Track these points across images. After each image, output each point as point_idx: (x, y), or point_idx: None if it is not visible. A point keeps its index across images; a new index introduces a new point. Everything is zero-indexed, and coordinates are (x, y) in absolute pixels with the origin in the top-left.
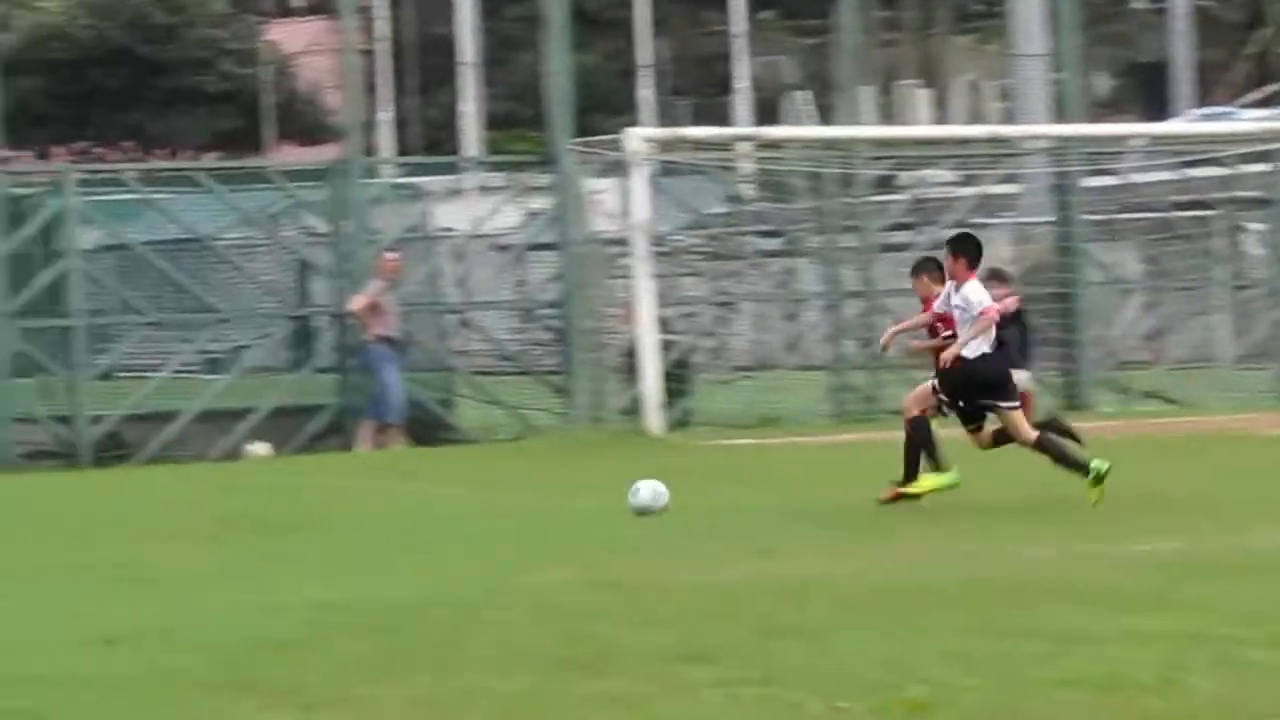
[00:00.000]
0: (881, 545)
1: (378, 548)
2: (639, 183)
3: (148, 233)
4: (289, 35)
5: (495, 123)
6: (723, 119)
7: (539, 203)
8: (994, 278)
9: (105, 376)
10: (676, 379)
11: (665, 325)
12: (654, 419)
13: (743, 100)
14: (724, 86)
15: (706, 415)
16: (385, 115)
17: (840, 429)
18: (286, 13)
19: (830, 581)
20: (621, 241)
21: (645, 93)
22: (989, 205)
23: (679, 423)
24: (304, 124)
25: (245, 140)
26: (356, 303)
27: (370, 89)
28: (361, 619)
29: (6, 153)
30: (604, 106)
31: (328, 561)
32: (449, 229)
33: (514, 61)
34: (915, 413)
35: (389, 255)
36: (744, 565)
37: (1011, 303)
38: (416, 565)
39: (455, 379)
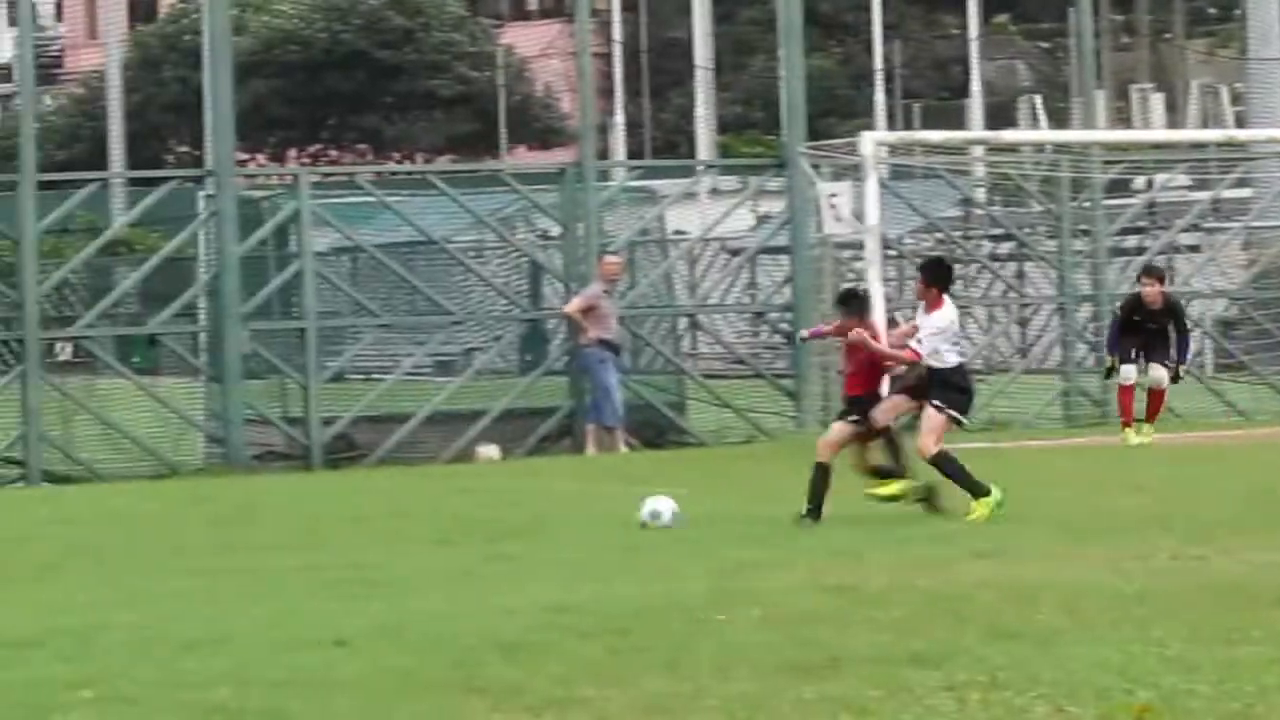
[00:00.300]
0: (1108, 550)
1: (605, 551)
2: (871, 186)
3: (381, 235)
4: (524, 38)
5: (727, 126)
6: (955, 123)
7: (771, 206)
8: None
9: (337, 379)
10: None
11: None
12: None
13: (976, 104)
14: (957, 90)
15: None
16: (619, 118)
17: (1070, 433)
18: (522, 16)
19: (1057, 585)
20: (853, 245)
21: (878, 96)
22: (1222, 209)
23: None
24: (538, 127)
25: (479, 143)
26: (572, 306)
27: (604, 92)
28: (588, 622)
29: (241, 155)
30: (837, 110)
31: (555, 564)
32: (681, 232)
33: (747, 65)
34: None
35: (609, 258)
36: (971, 568)
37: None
38: (644, 569)
39: (686, 382)
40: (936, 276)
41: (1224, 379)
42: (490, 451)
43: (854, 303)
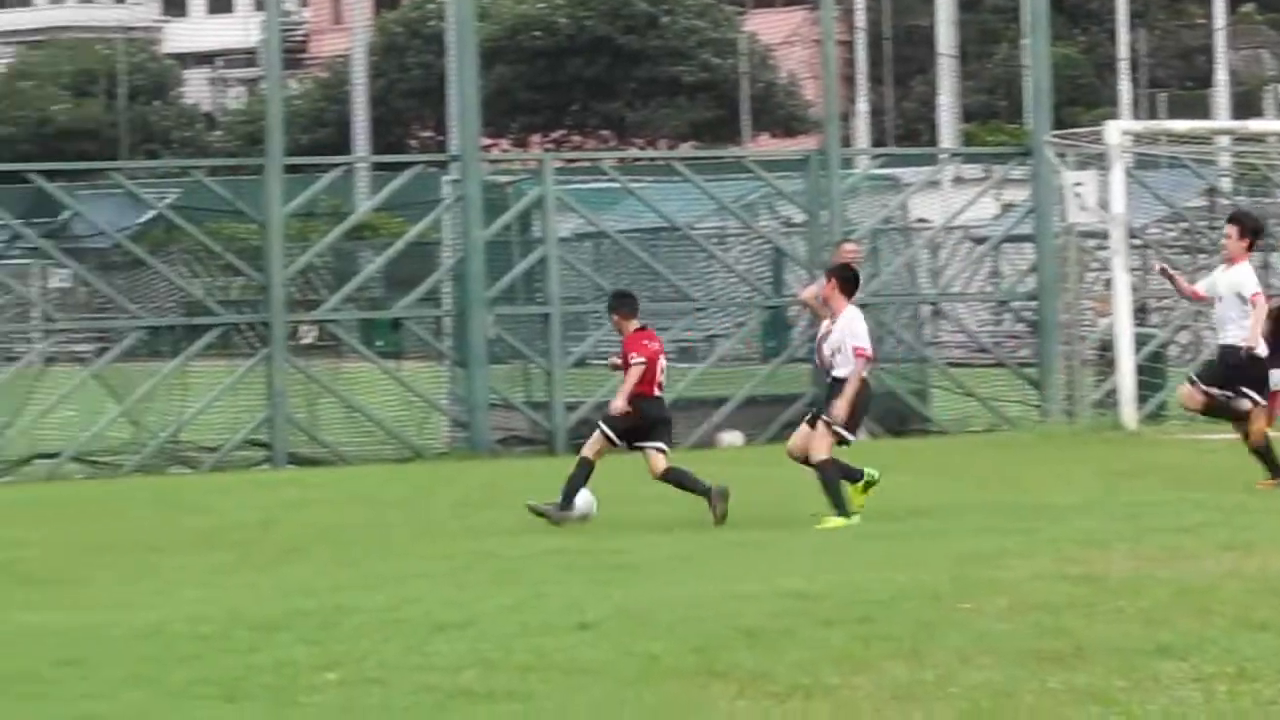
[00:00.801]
0: None
1: (847, 538)
2: (1117, 176)
3: (624, 221)
4: (767, 26)
5: (971, 114)
6: (1200, 112)
7: (1015, 195)
8: None
9: (580, 364)
10: (1150, 373)
11: (1140, 319)
12: (1128, 413)
13: (1221, 93)
14: (1202, 80)
15: (1179, 410)
16: (862, 106)
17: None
18: (765, 3)
19: None
20: (1098, 234)
21: (1123, 85)
22: None
23: (1152, 417)
24: (780, 114)
25: (721, 130)
26: (807, 291)
27: (847, 80)
28: (831, 609)
29: (485, 140)
30: (1081, 99)
31: (798, 551)
32: (924, 220)
33: (991, 53)
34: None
35: (847, 245)
36: (1218, 559)
37: None
38: (887, 556)
39: (929, 370)
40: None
41: None
42: (733, 438)
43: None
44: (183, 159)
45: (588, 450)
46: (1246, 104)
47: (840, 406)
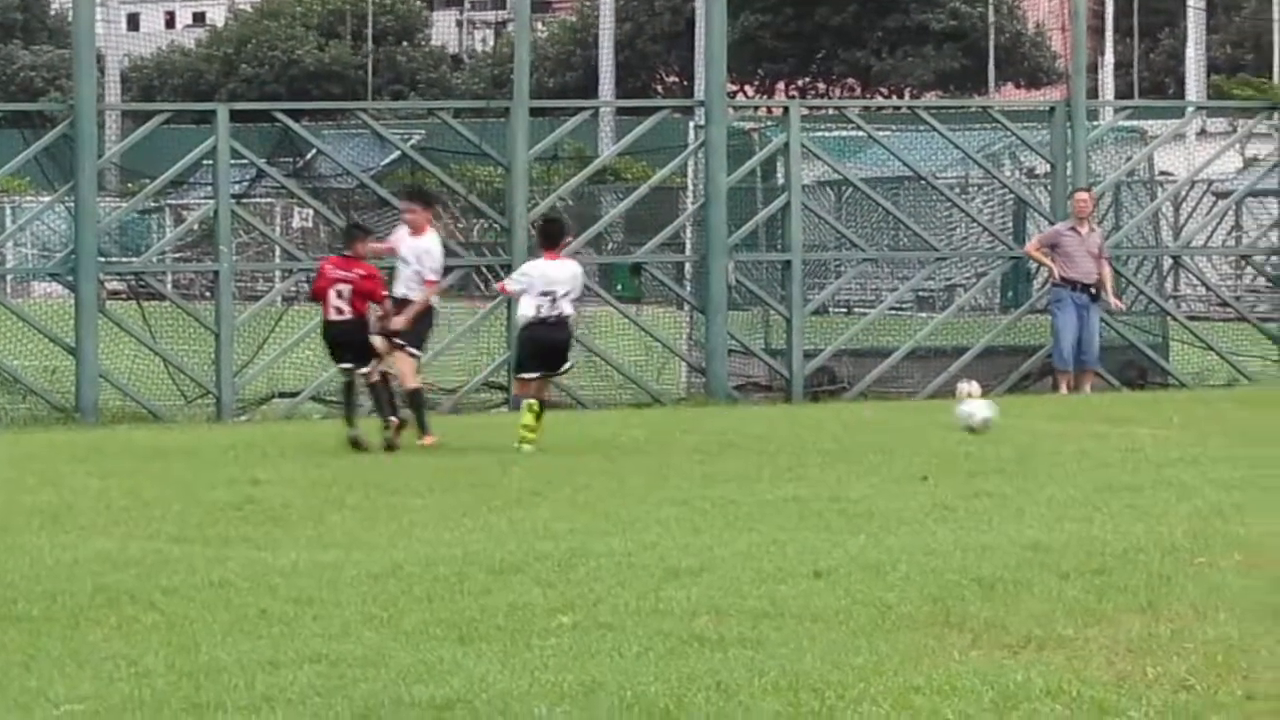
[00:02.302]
0: None
1: (1084, 490)
2: None
3: (866, 170)
4: None
5: (1218, 67)
6: None
7: (1260, 149)
8: None
9: (819, 312)
10: None
11: None
12: None
13: None
14: None
15: None
16: (1108, 58)
17: None
18: None
19: None
20: None
21: None
22: None
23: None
24: (1026, 65)
25: (966, 80)
26: (1030, 245)
27: (1095, 31)
28: (1067, 561)
29: (731, 87)
30: None
31: (1034, 502)
32: (1168, 173)
33: (1240, 6)
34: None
35: (1079, 194)
36: None
37: None
38: (1123, 509)
39: (1169, 323)
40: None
41: None
42: (971, 388)
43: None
44: (428, 101)
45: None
46: None
47: (400, 322)
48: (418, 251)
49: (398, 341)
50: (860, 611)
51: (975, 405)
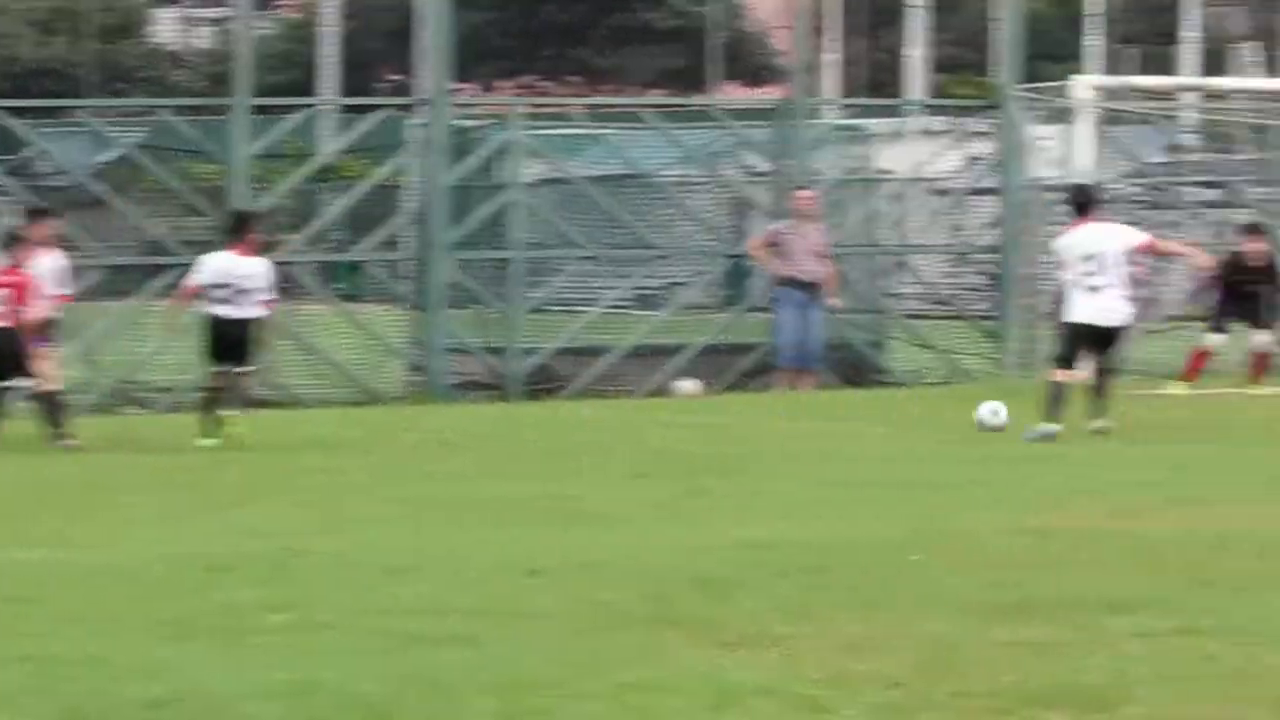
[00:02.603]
0: None
1: (802, 488)
2: (1083, 130)
3: (589, 168)
4: None
5: (940, 67)
6: (1168, 68)
7: (980, 147)
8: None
9: (539, 310)
10: None
11: None
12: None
13: (1190, 50)
14: (1171, 36)
15: (1137, 364)
16: (831, 56)
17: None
18: None
19: (1257, 534)
20: (1062, 189)
21: (1092, 40)
22: None
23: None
24: (750, 64)
25: (690, 78)
26: (753, 242)
27: (817, 30)
28: (785, 559)
29: (454, 85)
30: (1050, 53)
31: (752, 500)
32: (889, 171)
33: (962, 5)
34: None
35: (800, 193)
36: (1170, 514)
37: None
38: (841, 507)
39: (887, 321)
40: None
41: None
42: (690, 386)
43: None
44: (149, 98)
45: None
46: (1215, 61)
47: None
48: (44, 268)
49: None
50: (577, 610)
51: (991, 406)
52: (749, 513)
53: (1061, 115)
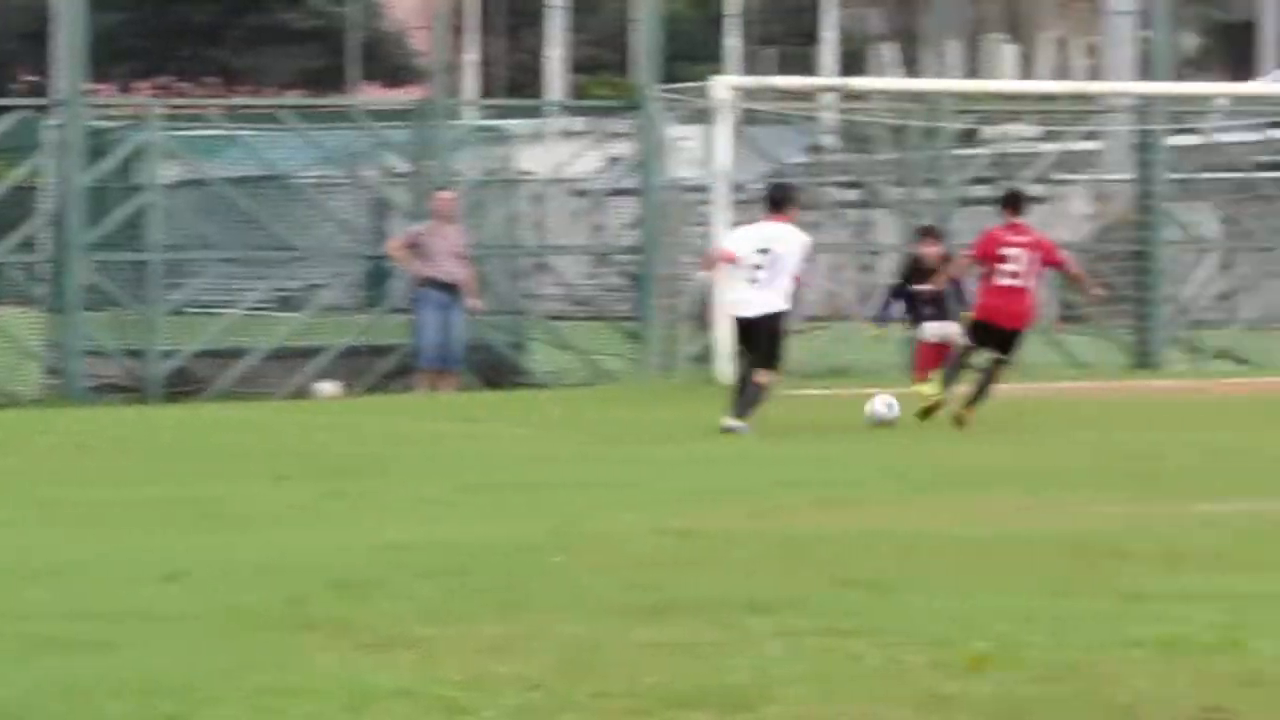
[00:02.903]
0: (948, 499)
1: (444, 489)
2: (722, 130)
3: (228, 169)
4: None
5: (580, 67)
6: (808, 69)
7: (621, 148)
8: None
9: (178, 312)
10: None
11: None
12: (725, 367)
13: (828, 50)
14: (810, 36)
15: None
16: (471, 57)
17: (911, 381)
18: None
19: (897, 534)
20: (702, 189)
21: (731, 41)
22: (1070, 162)
23: None
24: (390, 64)
25: (330, 79)
26: (393, 244)
27: (457, 30)
28: (425, 560)
29: (90, 86)
30: (690, 54)
31: (393, 502)
32: (529, 172)
33: (601, 6)
34: None
35: (440, 194)
36: (812, 515)
37: None
38: (483, 508)
39: (528, 323)
40: None
41: (1067, 331)
42: (330, 388)
43: None
44: None
45: None
46: (854, 61)
47: None
48: None
49: None
50: (216, 613)
51: (885, 399)
52: (389, 515)
53: (701, 116)
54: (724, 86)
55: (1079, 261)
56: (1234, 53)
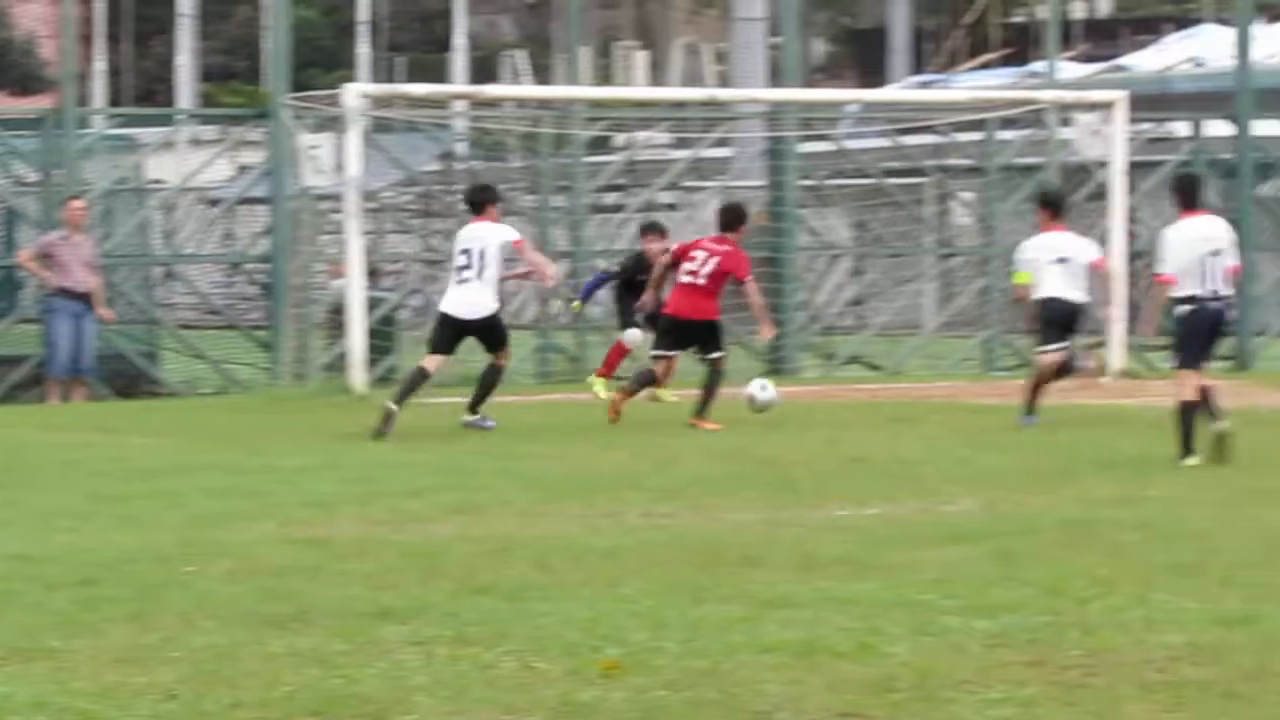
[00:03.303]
0: (580, 506)
1: (75, 500)
2: (354, 139)
3: None
4: None
5: (210, 75)
6: (440, 76)
7: (251, 157)
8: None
9: None
10: (381, 336)
11: (373, 282)
12: (358, 376)
13: (460, 58)
14: (442, 44)
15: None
16: (100, 65)
17: (545, 389)
18: None
19: (529, 541)
20: (334, 197)
21: (362, 48)
22: (702, 168)
23: (383, 380)
24: (17, 73)
25: None
26: (23, 253)
27: (85, 38)
28: (56, 571)
29: None
30: (321, 62)
31: (23, 513)
32: (160, 181)
33: (231, 14)
34: None
35: (71, 203)
36: (444, 523)
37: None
38: (114, 519)
39: (160, 332)
40: None
41: None
42: None
43: None
44: None
45: None
46: (485, 69)
47: None
48: None
49: None
50: None
51: (759, 381)
52: (19, 526)
53: (332, 124)
54: (355, 94)
55: None
56: (864, 59)
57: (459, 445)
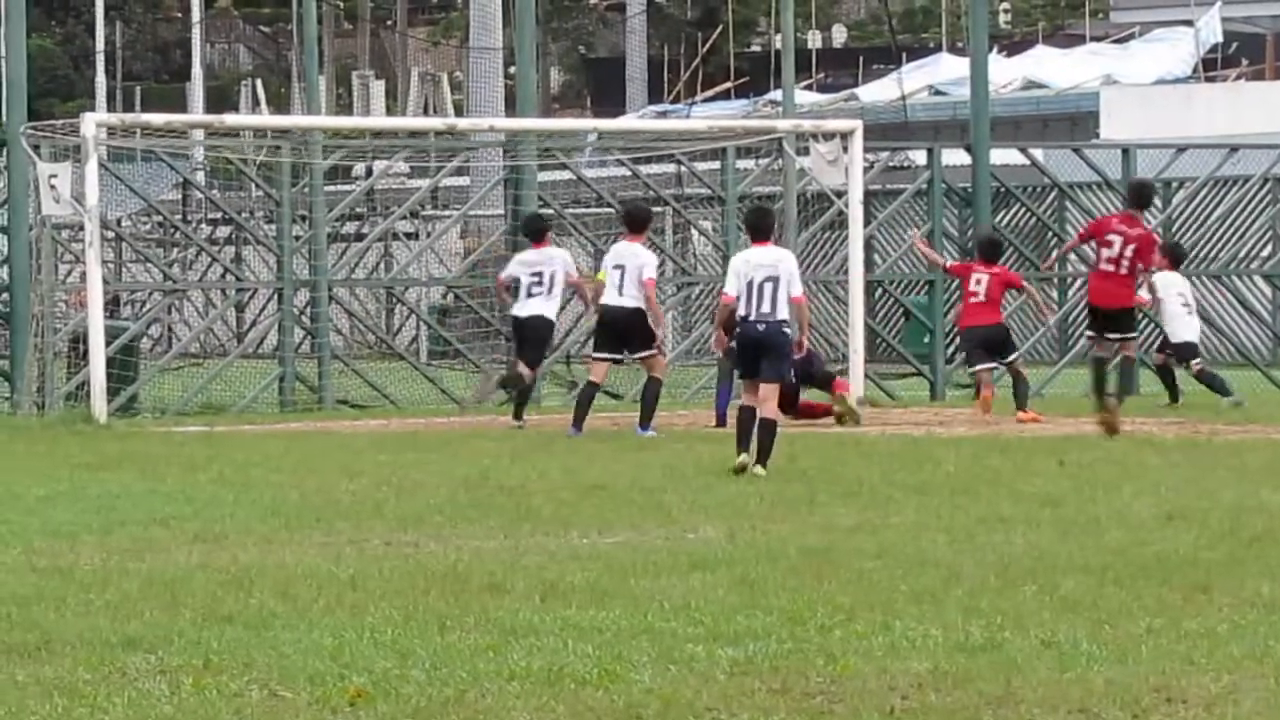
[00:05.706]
0: (322, 534)
1: None
2: (91, 168)
3: None
4: None
5: None
6: (177, 105)
7: None
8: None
9: None
10: (123, 365)
11: (113, 311)
12: (99, 405)
13: (197, 87)
14: (179, 73)
15: (152, 402)
16: None
17: (286, 417)
18: None
19: (271, 569)
20: (73, 226)
21: (100, 78)
22: (441, 197)
23: (124, 409)
24: None
25: None
26: None
27: None
28: None
29: None
30: (58, 91)
31: None
32: None
33: None
34: None
35: None
36: (187, 551)
37: None
38: None
39: None
40: None
41: (439, 366)
42: None
43: None
44: None
45: None
46: (223, 98)
47: None
48: None
49: None
50: None
51: None
52: None
53: (71, 153)
54: (93, 123)
55: (453, 296)
56: (602, 89)
57: (201, 474)
